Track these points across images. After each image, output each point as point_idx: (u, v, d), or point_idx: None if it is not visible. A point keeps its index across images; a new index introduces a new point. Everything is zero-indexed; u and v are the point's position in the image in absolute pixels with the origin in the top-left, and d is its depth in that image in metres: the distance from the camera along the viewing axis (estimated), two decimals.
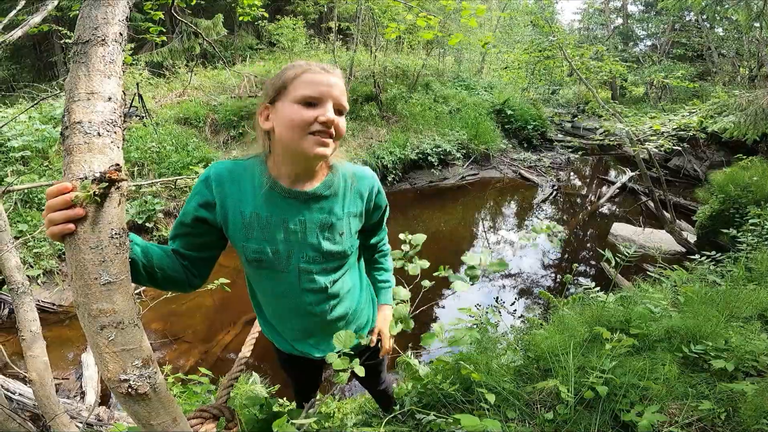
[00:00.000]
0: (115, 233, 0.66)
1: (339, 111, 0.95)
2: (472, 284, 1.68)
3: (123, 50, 0.73)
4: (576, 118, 16.05)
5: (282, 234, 1.00)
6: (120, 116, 0.69)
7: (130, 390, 0.69)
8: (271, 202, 0.99)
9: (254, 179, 0.99)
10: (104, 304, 0.66)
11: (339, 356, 1.13)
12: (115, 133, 0.67)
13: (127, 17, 0.73)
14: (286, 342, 1.22)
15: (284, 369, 1.47)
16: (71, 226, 0.64)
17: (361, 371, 1.16)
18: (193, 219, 0.98)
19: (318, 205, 1.02)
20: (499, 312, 4.64)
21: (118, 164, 0.64)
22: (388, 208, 1.22)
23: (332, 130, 0.93)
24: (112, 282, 0.66)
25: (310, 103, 0.92)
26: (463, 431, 1.29)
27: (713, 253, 3.28)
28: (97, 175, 0.63)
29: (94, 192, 0.62)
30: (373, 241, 1.28)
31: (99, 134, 0.65)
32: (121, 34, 0.72)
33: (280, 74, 0.96)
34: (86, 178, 0.63)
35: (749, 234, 3.65)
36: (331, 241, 1.04)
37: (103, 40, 0.69)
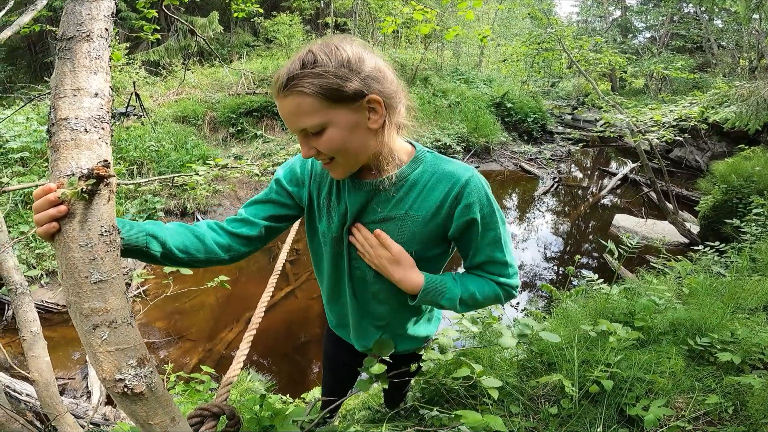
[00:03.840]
0: (105, 231, 0.64)
1: (314, 132, 0.80)
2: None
3: (110, 46, 0.71)
4: (576, 111, 15.95)
5: (341, 220, 0.99)
6: (108, 112, 0.67)
7: (126, 390, 0.69)
8: (340, 189, 0.98)
9: None
10: (96, 302, 0.65)
11: (378, 362, 1.13)
12: (102, 129, 0.65)
13: (112, 13, 0.71)
14: (335, 325, 1.26)
15: (325, 355, 1.46)
16: (55, 224, 0.62)
17: (385, 384, 1.15)
18: (281, 188, 1.01)
19: (378, 197, 0.94)
20: (502, 305, 4.64)
21: (106, 160, 0.62)
22: (489, 225, 0.92)
23: (324, 156, 0.85)
24: (104, 280, 0.65)
25: None
26: (465, 427, 1.27)
27: (717, 243, 3.26)
28: (85, 171, 0.61)
29: (82, 189, 0.60)
30: (473, 264, 0.99)
31: (86, 130, 0.63)
32: (107, 30, 0.70)
33: None
34: (73, 174, 0.62)
35: (753, 224, 3.62)
36: None
37: (88, 36, 0.67)
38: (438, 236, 0.94)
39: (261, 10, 4.58)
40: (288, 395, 2.85)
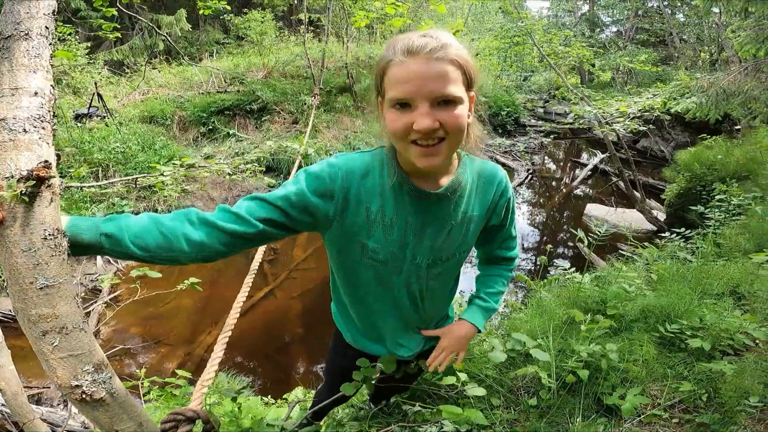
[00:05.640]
0: (49, 234, 0.62)
1: (445, 101, 0.77)
2: None
3: (51, 44, 0.70)
4: (548, 104, 16.29)
5: (401, 235, 0.93)
6: (50, 111, 0.64)
7: (84, 396, 0.68)
8: (397, 200, 0.91)
9: (383, 174, 0.90)
10: (43, 309, 0.63)
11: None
12: (43, 128, 0.63)
13: (54, 11, 0.70)
14: (361, 340, 1.18)
15: (336, 369, 1.41)
16: None
17: (371, 387, 1.22)
18: (302, 200, 0.86)
19: (441, 207, 0.93)
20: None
21: (47, 161, 0.59)
22: (513, 210, 1.08)
23: (439, 133, 0.78)
24: (50, 285, 0.63)
25: (404, 104, 0.78)
26: (447, 422, 1.27)
27: (683, 230, 3.37)
28: (24, 173, 0.58)
29: (21, 191, 0.57)
30: (491, 246, 1.15)
31: (25, 130, 0.61)
32: (47, 28, 0.69)
33: (380, 57, 0.81)
34: (12, 177, 0.59)
35: (716, 210, 3.76)
36: (446, 245, 0.97)
37: (26, 34, 0.66)
38: (481, 225, 1.02)
39: (228, 7, 4.46)
40: (269, 396, 2.80)
